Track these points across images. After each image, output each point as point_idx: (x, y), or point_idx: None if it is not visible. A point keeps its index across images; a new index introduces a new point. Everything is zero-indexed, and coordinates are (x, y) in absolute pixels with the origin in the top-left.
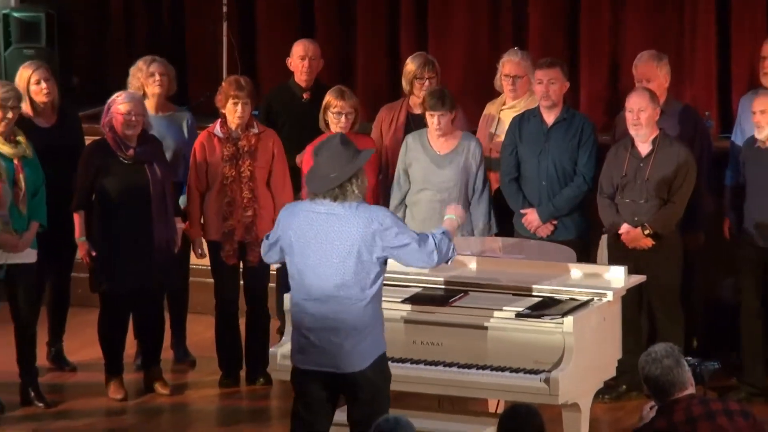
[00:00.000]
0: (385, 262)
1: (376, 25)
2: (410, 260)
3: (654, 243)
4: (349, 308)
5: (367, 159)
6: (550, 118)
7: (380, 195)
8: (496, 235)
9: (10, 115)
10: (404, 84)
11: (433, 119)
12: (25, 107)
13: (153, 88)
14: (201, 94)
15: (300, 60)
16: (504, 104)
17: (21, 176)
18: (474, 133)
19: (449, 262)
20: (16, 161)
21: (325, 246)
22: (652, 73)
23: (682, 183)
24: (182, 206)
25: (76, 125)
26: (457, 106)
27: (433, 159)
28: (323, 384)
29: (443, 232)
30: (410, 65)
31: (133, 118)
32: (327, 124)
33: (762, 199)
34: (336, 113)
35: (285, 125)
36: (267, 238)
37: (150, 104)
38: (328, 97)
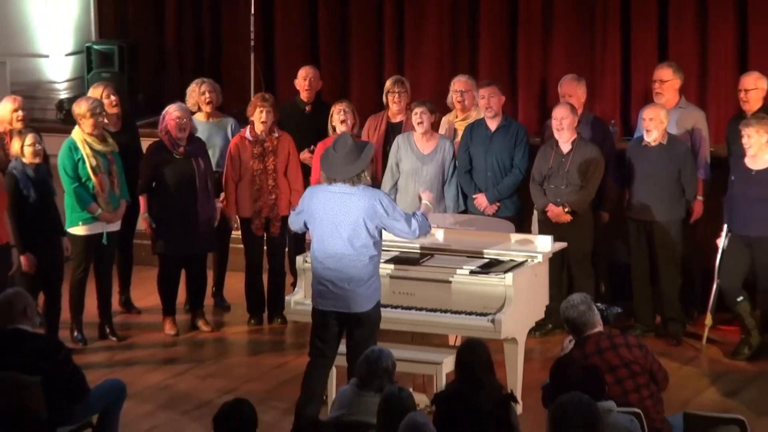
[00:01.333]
0: (381, 231)
1: (365, 55)
2: (398, 232)
3: (572, 219)
4: (357, 263)
5: (372, 153)
6: (493, 125)
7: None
8: (462, 212)
9: (99, 119)
10: (384, 99)
11: (416, 116)
12: None
13: (204, 104)
14: (234, 107)
15: (303, 80)
16: (456, 117)
17: (113, 167)
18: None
19: (426, 235)
20: (109, 156)
21: (339, 217)
22: (572, 91)
23: (593, 174)
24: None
25: (135, 130)
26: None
27: (419, 158)
28: (337, 321)
29: (422, 214)
30: (387, 84)
31: (184, 122)
32: (334, 129)
33: (643, 184)
34: (339, 113)
35: (291, 131)
36: (293, 210)
37: (203, 114)
38: (334, 107)
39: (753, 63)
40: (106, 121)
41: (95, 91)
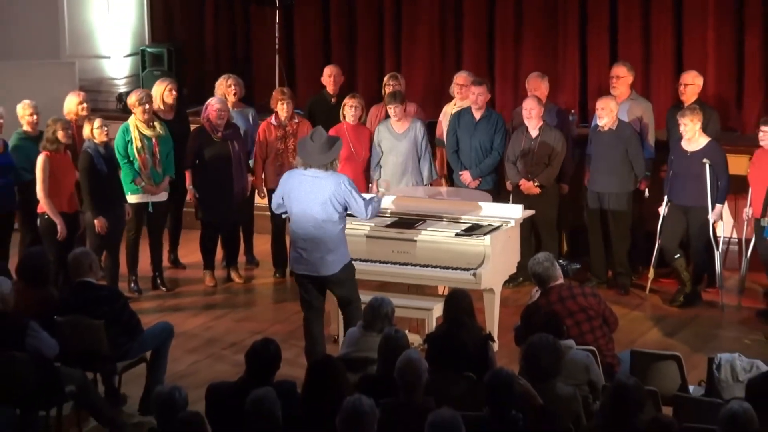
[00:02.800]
0: (345, 208)
1: (369, 55)
2: (355, 210)
3: (540, 191)
4: (325, 234)
5: (341, 148)
6: (477, 114)
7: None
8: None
9: (147, 107)
10: (382, 91)
11: (390, 110)
12: (156, 106)
13: (230, 95)
14: (262, 99)
15: (328, 77)
16: (455, 105)
17: (156, 149)
18: (434, 123)
19: (374, 215)
20: (154, 139)
21: (311, 196)
22: (537, 86)
23: (557, 154)
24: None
25: (185, 118)
26: (407, 101)
27: (395, 136)
28: (312, 281)
29: (378, 200)
30: (385, 79)
31: (222, 112)
32: (344, 116)
33: (598, 162)
34: (349, 107)
35: (320, 119)
36: (275, 195)
37: (229, 103)
38: (346, 100)
39: (687, 62)
40: (161, 106)
41: (161, 84)
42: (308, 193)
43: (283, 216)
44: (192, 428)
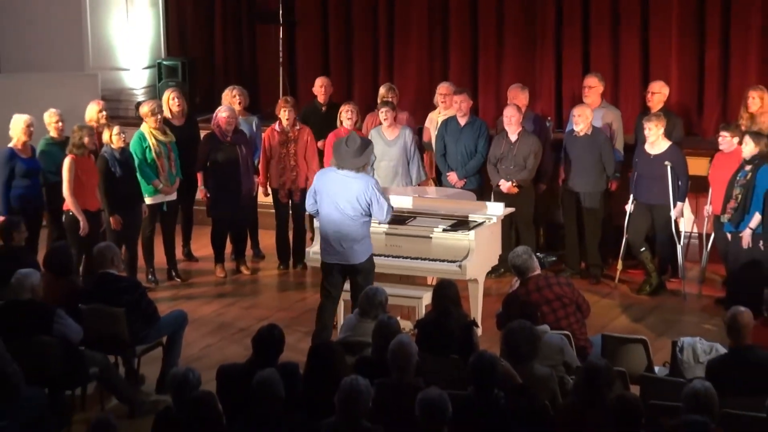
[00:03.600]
0: (370, 205)
1: (364, 67)
2: (376, 212)
3: (518, 190)
4: (352, 227)
5: (372, 153)
6: (462, 121)
7: None
8: (428, 182)
9: (159, 116)
10: (378, 100)
11: (381, 114)
12: (166, 113)
13: (235, 104)
14: (267, 107)
15: (319, 88)
16: (439, 113)
17: (171, 154)
18: (421, 129)
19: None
20: (168, 145)
21: (341, 193)
22: (517, 95)
23: (533, 158)
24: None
25: (195, 124)
26: (398, 109)
27: (386, 143)
28: (339, 270)
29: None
30: (381, 90)
31: (231, 120)
32: (341, 122)
33: (574, 164)
34: (346, 112)
35: (312, 125)
36: (308, 193)
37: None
38: (342, 106)
39: (653, 73)
40: (169, 116)
41: (168, 93)
42: (339, 191)
43: (313, 216)
44: (204, 406)
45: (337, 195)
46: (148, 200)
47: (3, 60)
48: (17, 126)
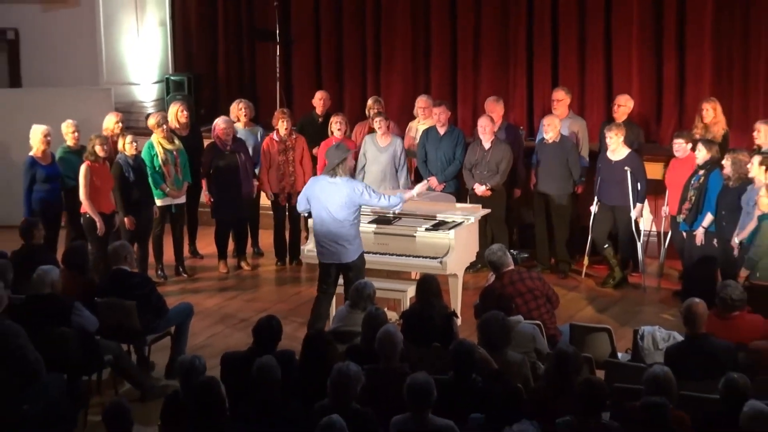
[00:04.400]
0: (359, 207)
1: (354, 81)
2: (372, 205)
3: (491, 193)
4: (343, 229)
5: (348, 152)
6: (442, 131)
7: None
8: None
9: (165, 127)
10: (367, 111)
11: (376, 123)
12: (172, 124)
13: (242, 116)
14: (265, 119)
15: (318, 101)
16: (419, 122)
17: (178, 160)
18: (403, 137)
19: (398, 208)
20: (174, 152)
21: (330, 199)
22: (492, 107)
23: (505, 164)
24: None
25: (199, 134)
26: (389, 119)
27: (378, 149)
28: (334, 269)
29: (400, 195)
30: (369, 102)
31: (228, 130)
32: (332, 132)
33: (544, 170)
34: (336, 123)
35: (309, 135)
36: (300, 197)
37: (241, 123)
38: (332, 118)
39: (616, 86)
40: (176, 126)
41: (174, 107)
42: (329, 197)
43: (305, 215)
44: (209, 390)
45: (327, 201)
46: (158, 202)
47: (24, 75)
48: (36, 136)
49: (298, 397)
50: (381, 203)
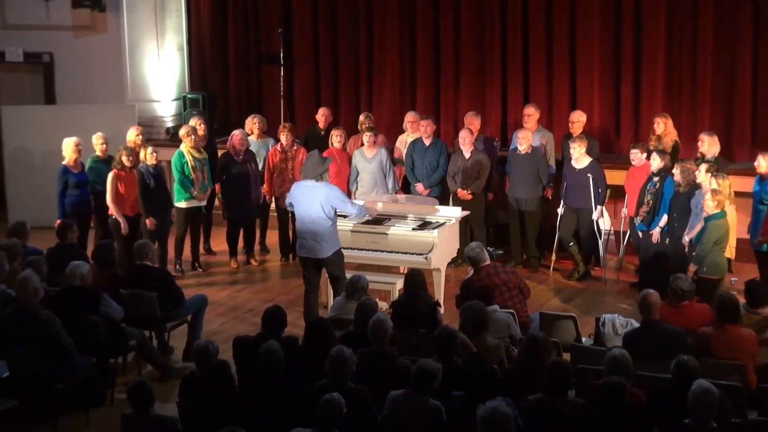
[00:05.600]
0: (335, 209)
1: (348, 97)
2: (344, 211)
3: (471, 197)
4: (321, 228)
5: (329, 163)
6: (427, 142)
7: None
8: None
9: (193, 137)
10: (359, 126)
11: (365, 137)
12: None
13: (255, 129)
14: (270, 132)
15: (321, 116)
16: (407, 135)
17: (204, 168)
18: (392, 149)
19: (364, 216)
20: (201, 161)
21: (308, 200)
22: (471, 121)
23: (483, 171)
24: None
25: (214, 145)
26: (378, 133)
27: (366, 160)
28: (312, 263)
29: (361, 206)
30: (361, 118)
31: (243, 141)
32: (332, 143)
33: (516, 177)
34: (336, 136)
35: (312, 146)
36: (287, 198)
37: (255, 135)
38: (332, 131)
39: (580, 103)
40: (200, 134)
41: (194, 120)
42: (307, 199)
43: (290, 213)
44: (221, 371)
45: (305, 202)
46: (184, 204)
47: (58, 93)
48: (68, 147)
49: (301, 376)
50: (347, 209)
